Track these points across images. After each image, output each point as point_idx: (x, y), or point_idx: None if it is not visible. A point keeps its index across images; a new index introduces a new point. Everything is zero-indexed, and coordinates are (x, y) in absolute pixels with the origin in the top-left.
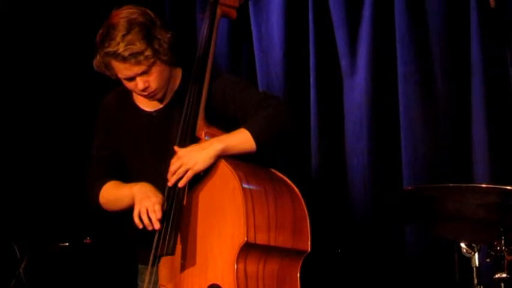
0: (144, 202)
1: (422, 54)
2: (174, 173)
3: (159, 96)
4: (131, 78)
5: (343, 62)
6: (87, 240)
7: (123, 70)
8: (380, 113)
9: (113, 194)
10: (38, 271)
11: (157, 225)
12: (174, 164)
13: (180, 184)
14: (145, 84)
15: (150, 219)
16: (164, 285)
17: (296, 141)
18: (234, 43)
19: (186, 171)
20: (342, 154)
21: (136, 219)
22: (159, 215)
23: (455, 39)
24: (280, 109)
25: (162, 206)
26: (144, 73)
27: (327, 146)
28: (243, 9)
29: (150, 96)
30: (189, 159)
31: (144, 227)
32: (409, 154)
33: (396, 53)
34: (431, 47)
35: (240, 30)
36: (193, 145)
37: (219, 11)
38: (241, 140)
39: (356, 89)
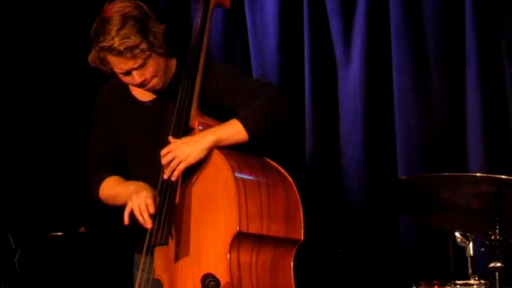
0: (134, 200)
1: (417, 44)
2: (167, 166)
3: (157, 87)
4: (127, 72)
5: (338, 52)
6: (82, 229)
7: (118, 64)
8: (374, 102)
9: (112, 191)
10: (32, 261)
11: (149, 224)
12: (167, 157)
13: (173, 178)
14: (141, 78)
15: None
16: (159, 275)
17: (292, 130)
18: (228, 32)
19: (179, 164)
20: (336, 144)
21: (126, 216)
22: (151, 209)
23: (450, 29)
24: (273, 98)
25: (154, 199)
26: (140, 67)
27: (321, 136)
28: None
29: (147, 89)
30: (181, 152)
31: (133, 222)
32: (404, 144)
33: (391, 42)
34: (426, 37)
35: (234, 19)
36: (185, 137)
37: (212, 1)
38: (233, 131)
39: (351, 78)
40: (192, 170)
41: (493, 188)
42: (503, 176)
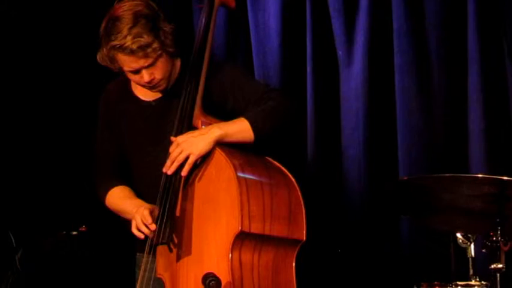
0: (135, 217)
1: (419, 44)
2: (174, 160)
3: (162, 87)
4: (137, 71)
5: (340, 52)
6: (83, 228)
7: (129, 63)
8: (376, 103)
9: (117, 205)
10: (33, 260)
11: (153, 227)
12: (175, 151)
13: (184, 172)
14: (150, 77)
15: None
16: (161, 274)
17: (295, 133)
18: (230, 32)
19: (187, 158)
20: (338, 144)
21: (135, 232)
22: (149, 220)
23: (452, 29)
24: (281, 102)
25: (151, 212)
26: (150, 66)
27: (323, 136)
28: None
29: (154, 88)
30: (189, 145)
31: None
32: (405, 144)
33: (393, 43)
34: (428, 37)
35: (236, 19)
36: (191, 131)
37: (217, 0)
38: (240, 129)
39: (353, 79)
40: (194, 169)
41: (495, 189)
42: (505, 177)
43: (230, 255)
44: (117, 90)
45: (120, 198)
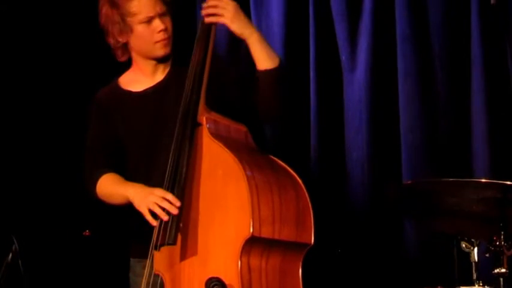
0: (149, 198)
1: (423, 49)
2: (213, 6)
3: (169, 46)
4: (151, 20)
5: (343, 57)
6: (86, 232)
7: (147, 7)
8: (380, 107)
9: (108, 189)
10: (34, 263)
11: (175, 211)
12: (218, 2)
13: (208, 20)
14: (163, 25)
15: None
16: (159, 271)
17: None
18: (233, 37)
19: (221, 15)
20: (341, 148)
21: (149, 217)
22: (178, 203)
23: (456, 34)
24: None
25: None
26: (163, 14)
27: (326, 140)
28: (243, 4)
29: (165, 42)
30: (229, 10)
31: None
32: (409, 148)
33: (396, 47)
34: (431, 42)
35: None
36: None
37: None
38: (270, 48)
39: (356, 83)
40: (200, 168)
41: (498, 194)
42: (508, 182)
43: (239, 259)
44: (108, 91)
45: (114, 182)
